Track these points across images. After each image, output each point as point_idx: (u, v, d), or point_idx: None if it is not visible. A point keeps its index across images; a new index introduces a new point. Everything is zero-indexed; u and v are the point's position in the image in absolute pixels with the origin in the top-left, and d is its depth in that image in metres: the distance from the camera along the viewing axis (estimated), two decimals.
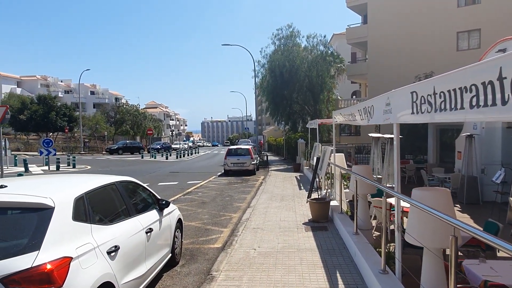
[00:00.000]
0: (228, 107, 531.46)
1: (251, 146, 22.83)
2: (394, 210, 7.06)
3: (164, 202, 5.38)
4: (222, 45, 34.57)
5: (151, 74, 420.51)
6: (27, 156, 34.08)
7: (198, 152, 48.57)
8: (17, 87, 67.27)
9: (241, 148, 21.10)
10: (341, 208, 7.86)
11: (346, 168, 9.01)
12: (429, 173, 13.91)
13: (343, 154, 10.07)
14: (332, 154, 9.58)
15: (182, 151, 41.74)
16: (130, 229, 4.07)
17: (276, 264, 5.57)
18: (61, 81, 78.58)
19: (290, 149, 31.35)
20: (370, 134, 12.17)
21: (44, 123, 47.24)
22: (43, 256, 2.76)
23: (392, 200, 7.56)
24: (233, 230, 7.99)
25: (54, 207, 3.08)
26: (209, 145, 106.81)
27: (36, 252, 2.76)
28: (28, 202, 3.06)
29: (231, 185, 15.79)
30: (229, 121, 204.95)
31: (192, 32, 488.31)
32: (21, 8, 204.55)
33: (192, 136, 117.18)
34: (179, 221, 6.19)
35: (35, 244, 2.80)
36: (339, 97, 32.04)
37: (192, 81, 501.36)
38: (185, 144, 65.37)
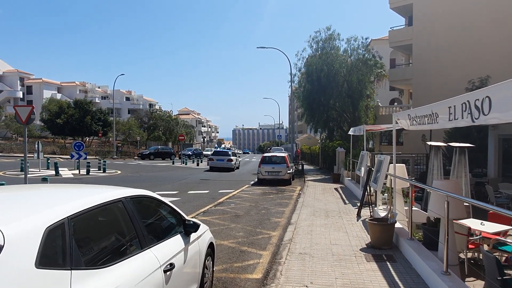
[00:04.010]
0: (260, 115, 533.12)
1: (286, 154, 21.32)
2: (475, 236, 5.46)
3: (191, 223, 4.02)
4: (257, 48, 33.56)
5: (185, 82, 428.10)
6: (61, 160, 34.36)
7: None
8: (57, 92, 69.59)
9: (276, 155, 19.67)
10: (411, 233, 6.25)
11: (407, 180, 7.40)
12: (494, 188, 11.96)
13: (404, 165, 8.42)
14: (391, 165, 8.02)
15: None
16: (139, 270, 2.73)
17: None
18: (99, 87, 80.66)
19: (326, 158, 29.57)
20: (429, 143, 10.40)
21: (79, 127, 48.07)
22: None
23: (469, 223, 5.90)
24: (274, 255, 6.56)
25: (2, 246, 1.80)
26: (240, 152, 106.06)
27: None
28: None
29: (266, 196, 14.40)
30: (260, 128, 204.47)
31: (227, 40, 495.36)
32: (64, 21, 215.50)
33: (224, 143, 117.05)
34: (211, 245, 4.83)
35: None
36: (379, 104, 29.95)
37: (224, 89, 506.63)
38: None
